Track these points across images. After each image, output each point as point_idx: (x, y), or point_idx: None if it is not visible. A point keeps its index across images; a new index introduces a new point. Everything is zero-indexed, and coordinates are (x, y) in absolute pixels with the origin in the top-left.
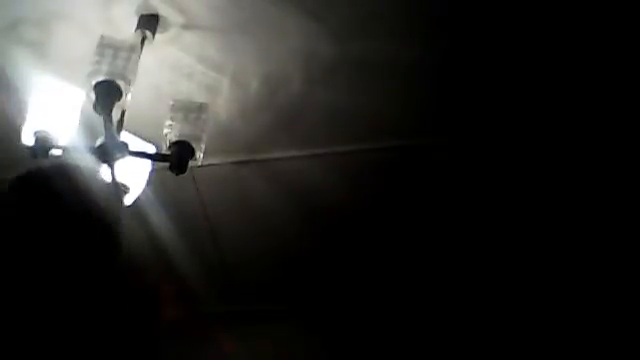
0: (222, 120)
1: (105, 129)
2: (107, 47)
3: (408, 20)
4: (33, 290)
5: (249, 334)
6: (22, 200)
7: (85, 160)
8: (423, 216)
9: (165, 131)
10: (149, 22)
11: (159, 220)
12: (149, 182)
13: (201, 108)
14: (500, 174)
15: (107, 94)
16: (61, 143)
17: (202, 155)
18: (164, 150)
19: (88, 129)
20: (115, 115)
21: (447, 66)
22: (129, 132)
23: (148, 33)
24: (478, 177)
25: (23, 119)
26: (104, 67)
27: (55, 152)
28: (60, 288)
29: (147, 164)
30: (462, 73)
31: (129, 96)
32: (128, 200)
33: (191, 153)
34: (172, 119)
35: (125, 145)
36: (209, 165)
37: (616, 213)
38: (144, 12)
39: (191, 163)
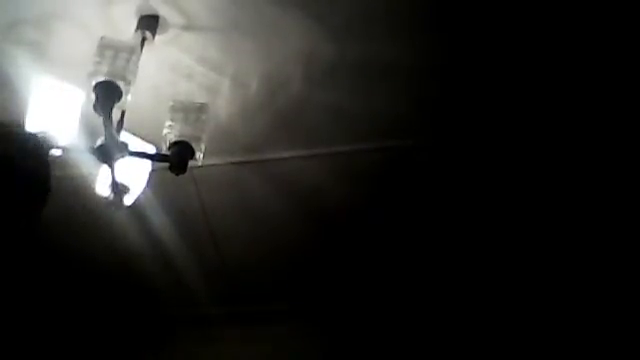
0: (222, 120)
1: (105, 129)
2: (107, 48)
3: (408, 21)
4: None
5: (249, 335)
6: None
7: (84, 160)
8: (423, 216)
9: (165, 131)
10: (149, 23)
11: (159, 220)
12: (149, 182)
13: (201, 108)
14: (500, 174)
15: (107, 94)
16: (61, 143)
17: (202, 155)
18: (164, 150)
19: (88, 129)
20: (115, 115)
21: (447, 67)
22: (129, 132)
23: (148, 34)
24: (478, 177)
25: (23, 119)
26: (104, 67)
27: (55, 152)
28: None
29: (147, 164)
30: (462, 74)
31: (129, 96)
32: (128, 200)
33: (191, 153)
34: (172, 119)
35: (125, 145)
36: (209, 165)
37: (615, 213)
38: (144, 13)
39: (191, 163)
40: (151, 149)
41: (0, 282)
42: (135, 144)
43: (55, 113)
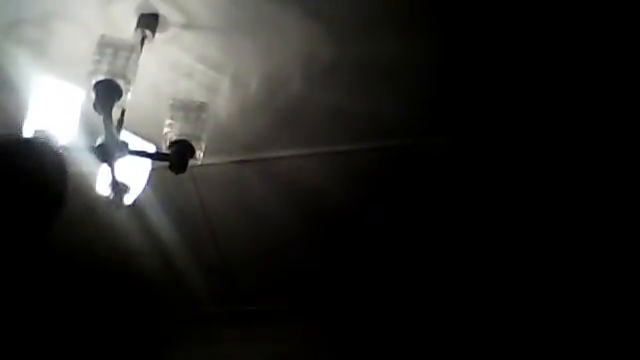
0: (222, 119)
1: (105, 128)
2: (107, 46)
3: (408, 20)
4: None
5: (249, 334)
6: None
7: (84, 159)
8: (423, 216)
9: (165, 130)
10: (149, 21)
11: (159, 219)
12: (149, 181)
13: (201, 107)
14: (500, 173)
15: (107, 93)
16: (61, 142)
17: (202, 154)
18: (164, 149)
19: (88, 128)
20: (115, 114)
21: (447, 66)
22: (129, 131)
23: (148, 32)
24: (478, 176)
25: (23, 118)
26: (104, 66)
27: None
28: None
29: (147, 163)
30: (462, 73)
31: (129, 95)
32: (128, 199)
33: (191, 152)
34: (172, 118)
35: (125, 144)
36: (209, 164)
37: (616, 212)
38: (144, 11)
39: (191, 162)
40: (151, 148)
41: (1, 282)
42: (135, 143)
43: (55, 112)
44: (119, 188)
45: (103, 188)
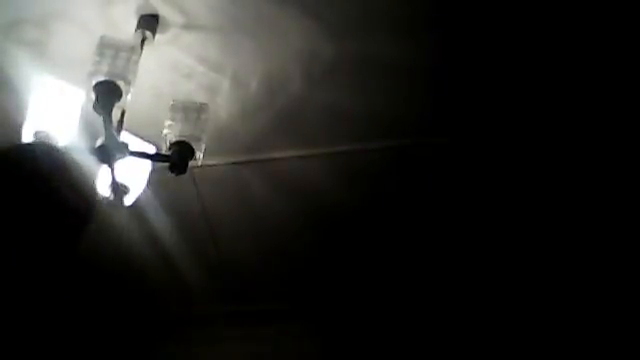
0: (222, 120)
1: (105, 129)
2: (107, 47)
3: (408, 20)
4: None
5: (249, 334)
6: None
7: (85, 160)
8: (423, 216)
9: (165, 131)
10: (149, 22)
11: (159, 220)
12: (149, 182)
13: (201, 108)
14: (500, 173)
15: (107, 94)
16: (61, 143)
17: (202, 155)
18: (164, 150)
19: (88, 129)
20: (115, 115)
21: (447, 66)
22: (129, 132)
23: (148, 33)
24: (478, 177)
25: (23, 119)
26: (104, 67)
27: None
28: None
29: (147, 164)
30: (462, 73)
31: (129, 96)
32: (128, 200)
33: (191, 153)
34: (172, 119)
35: (125, 145)
36: (209, 165)
37: (616, 212)
38: (144, 12)
39: (191, 163)
40: (151, 149)
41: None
42: (135, 144)
43: (55, 113)
44: (119, 189)
45: (103, 189)
